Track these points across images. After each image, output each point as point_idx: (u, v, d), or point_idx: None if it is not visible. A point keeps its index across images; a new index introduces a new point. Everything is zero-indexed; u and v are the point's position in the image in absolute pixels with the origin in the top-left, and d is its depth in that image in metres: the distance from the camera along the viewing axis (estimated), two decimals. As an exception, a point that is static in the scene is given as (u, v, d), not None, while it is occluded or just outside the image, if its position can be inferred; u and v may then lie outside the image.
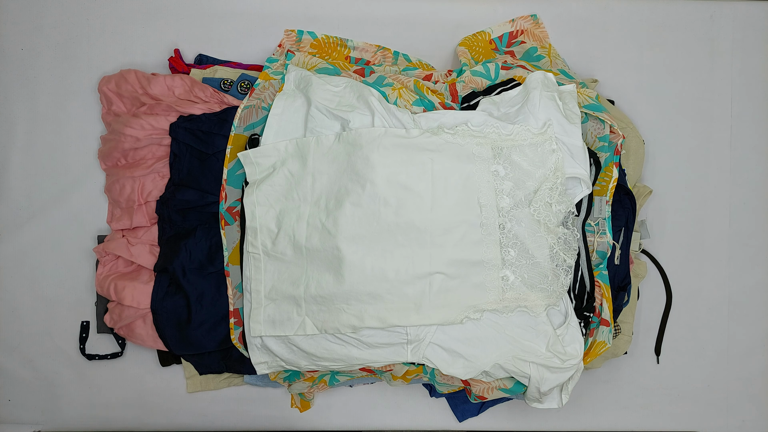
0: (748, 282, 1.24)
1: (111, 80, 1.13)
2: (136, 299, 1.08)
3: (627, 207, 1.10)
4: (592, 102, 1.08)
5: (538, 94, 1.02)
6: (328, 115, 1.03)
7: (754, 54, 1.25)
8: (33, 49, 1.18)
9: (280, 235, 1.01)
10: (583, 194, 1.03)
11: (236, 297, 1.06)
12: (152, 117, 1.09)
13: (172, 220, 1.09)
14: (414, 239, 0.98)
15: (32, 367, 1.17)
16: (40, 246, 1.17)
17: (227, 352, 1.11)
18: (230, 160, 1.06)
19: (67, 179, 1.18)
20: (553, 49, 1.21)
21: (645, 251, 1.23)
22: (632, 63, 1.24)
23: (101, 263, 1.12)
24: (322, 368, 1.06)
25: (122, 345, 1.17)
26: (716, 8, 1.25)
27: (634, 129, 1.16)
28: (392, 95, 1.05)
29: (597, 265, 1.05)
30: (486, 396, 1.05)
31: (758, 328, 1.25)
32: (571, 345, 0.99)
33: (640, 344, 1.23)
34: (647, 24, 1.24)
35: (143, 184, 1.09)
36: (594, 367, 1.15)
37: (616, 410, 1.23)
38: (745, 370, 1.24)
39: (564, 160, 1.00)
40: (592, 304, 1.03)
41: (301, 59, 1.13)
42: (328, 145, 1.02)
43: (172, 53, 1.18)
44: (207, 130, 1.07)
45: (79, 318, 1.17)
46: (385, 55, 1.19)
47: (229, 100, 1.11)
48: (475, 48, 1.20)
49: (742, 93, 1.25)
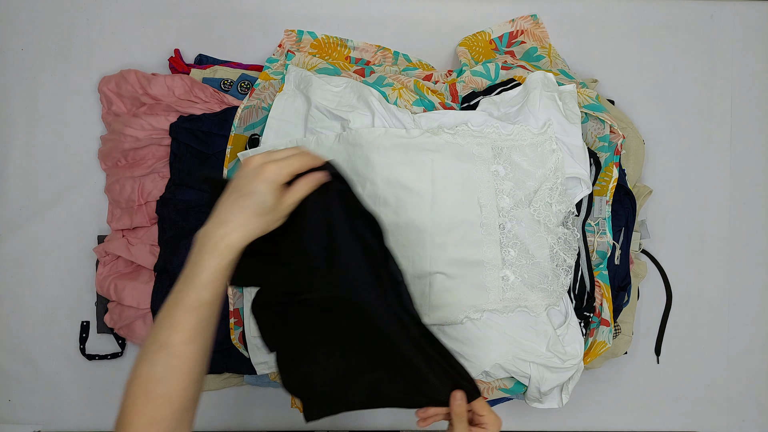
0: (748, 282, 1.24)
1: (111, 80, 1.14)
2: (136, 299, 1.08)
3: (627, 207, 1.10)
4: (592, 102, 1.08)
5: (538, 94, 1.02)
6: (328, 115, 1.03)
7: (754, 54, 1.25)
8: (33, 49, 1.18)
9: (280, 235, 1.01)
10: (583, 194, 1.03)
11: (236, 297, 1.06)
12: (152, 117, 1.09)
13: (172, 220, 1.09)
14: (414, 239, 0.98)
15: (32, 367, 1.17)
16: (40, 246, 1.17)
17: (227, 352, 1.11)
18: (230, 160, 1.06)
19: (67, 179, 1.18)
20: (553, 49, 1.21)
21: (645, 251, 1.23)
22: (632, 63, 1.24)
23: (101, 263, 1.12)
24: (322, 368, 1.06)
25: (122, 345, 1.17)
26: (716, 8, 1.25)
27: (634, 129, 1.16)
28: (392, 95, 1.05)
29: (597, 265, 1.05)
30: (486, 396, 1.05)
31: (758, 328, 1.25)
32: (572, 345, 0.99)
33: (640, 344, 1.23)
34: (647, 24, 1.24)
35: (143, 184, 1.09)
36: (594, 367, 1.15)
37: (616, 410, 1.23)
38: (745, 370, 1.24)
39: (564, 160, 1.00)
40: (592, 304, 1.03)
41: (301, 59, 1.13)
42: (328, 145, 1.02)
43: (172, 53, 1.18)
44: (207, 130, 1.07)
45: (79, 318, 1.17)
46: (385, 55, 1.19)
47: (229, 100, 1.11)
48: (475, 48, 1.20)
49: (742, 93, 1.25)
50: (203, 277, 0.64)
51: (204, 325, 0.64)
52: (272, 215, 0.67)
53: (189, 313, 0.63)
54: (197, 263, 0.64)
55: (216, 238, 0.65)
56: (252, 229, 0.66)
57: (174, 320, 0.63)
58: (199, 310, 0.64)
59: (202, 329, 0.64)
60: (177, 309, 0.64)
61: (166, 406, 0.62)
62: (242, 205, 0.65)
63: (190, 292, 0.64)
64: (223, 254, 0.64)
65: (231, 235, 0.65)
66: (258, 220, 0.66)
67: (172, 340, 0.62)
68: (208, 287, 0.64)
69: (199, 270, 0.64)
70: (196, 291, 0.64)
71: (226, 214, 0.66)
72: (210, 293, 0.64)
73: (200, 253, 0.65)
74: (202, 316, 0.64)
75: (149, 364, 0.63)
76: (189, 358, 0.63)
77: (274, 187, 0.66)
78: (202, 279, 0.64)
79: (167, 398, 0.62)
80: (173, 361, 0.63)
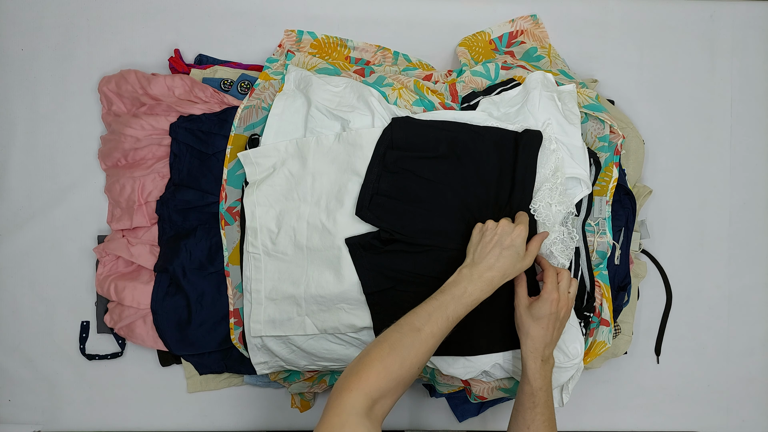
0: (748, 282, 1.24)
1: (111, 80, 1.14)
2: (136, 299, 1.08)
3: (627, 207, 1.10)
4: (592, 102, 1.08)
5: (538, 94, 1.02)
6: (328, 115, 1.03)
7: (754, 54, 1.25)
8: (33, 49, 1.18)
9: (281, 235, 1.01)
10: (583, 194, 1.03)
11: (236, 297, 1.06)
12: (152, 117, 1.09)
13: (172, 220, 1.09)
14: (414, 239, 0.98)
15: (32, 367, 1.17)
16: (40, 246, 1.17)
17: (227, 352, 1.11)
18: (230, 160, 1.06)
19: (67, 179, 1.18)
20: (552, 49, 1.21)
21: (645, 251, 1.23)
22: (632, 63, 1.24)
23: (101, 263, 1.12)
24: (322, 368, 1.06)
25: (122, 345, 1.17)
26: (716, 8, 1.25)
27: (634, 129, 1.16)
28: (392, 95, 1.05)
29: (597, 265, 1.05)
30: (486, 396, 1.05)
31: (758, 328, 1.25)
32: (572, 345, 0.99)
33: (640, 344, 1.23)
34: (647, 24, 1.24)
35: (143, 184, 1.09)
36: (594, 367, 1.15)
37: (616, 410, 1.23)
38: (745, 370, 1.24)
39: (564, 160, 1.00)
40: (592, 304, 1.03)
41: (301, 59, 1.13)
42: (328, 145, 1.02)
43: (172, 53, 1.17)
44: (207, 130, 1.07)
45: (79, 318, 1.17)
46: (385, 55, 1.19)
47: (229, 100, 1.11)
48: (475, 48, 1.20)
49: (742, 93, 1.25)
50: (468, 300, 0.85)
51: (444, 332, 0.84)
52: (521, 264, 0.89)
53: (446, 319, 0.83)
54: (467, 290, 0.85)
55: (486, 278, 0.86)
56: (509, 275, 0.88)
57: (432, 318, 0.83)
58: (450, 320, 0.84)
59: (442, 334, 0.83)
60: (438, 312, 0.83)
61: (399, 363, 0.79)
62: (505, 255, 0.87)
63: (454, 305, 0.84)
64: (485, 290, 0.86)
65: (496, 278, 0.87)
66: (513, 267, 0.87)
67: (425, 329, 0.82)
68: (467, 307, 0.85)
69: (468, 294, 0.85)
70: (456, 307, 0.84)
71: (492, 260, 0.87)
72: (463, 312, 0.85)
73: (470, 283, 0.86)
74: (449, 324, 0.84)
75: (400, 335, 0.81)
76: (427, 346, 0.82)
77: (524, 242, 0.89)
78: (466, 301, 0.85)
79: (402, 361, 0.79)
80: (416, 341, 0.81)
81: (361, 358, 0.80)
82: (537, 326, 0.90)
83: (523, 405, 0.91)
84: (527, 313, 0.91)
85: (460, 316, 0.85)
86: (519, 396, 0.92)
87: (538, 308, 0.90)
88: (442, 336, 0.83)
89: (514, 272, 0.88)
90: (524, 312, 0.92)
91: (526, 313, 0.91)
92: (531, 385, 0.90)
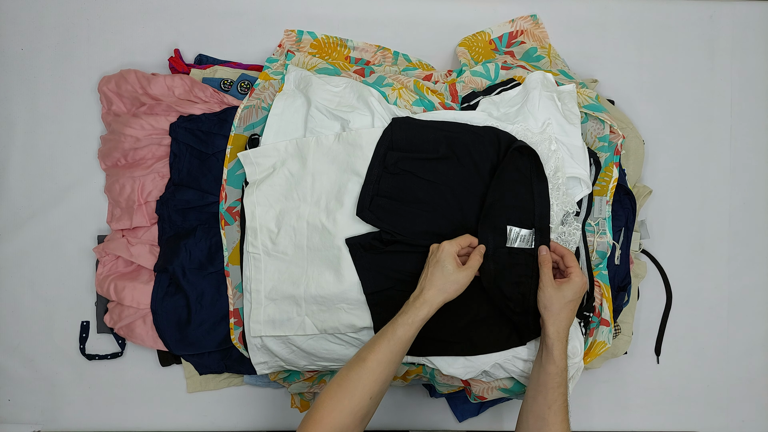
0: (748, 282, 1.24)
1: (111, 80, 1.14)
2: (136, 299, 1.08)
3: (627, 207, 1.10)
4: (592, 102, 1.08)
5: (538, 94, 1.02)
6: (328, 115, 1.03)
7: (754, 54, 1.25)
8: (33, 49, 1.18)
9: (281, 234, 1.01)
10: (583, 194, 1.03)
11: (236, 297, 1.06)
12: (152, 117, 1.09)
13: (172, 220, 1.09)
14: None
15: (32, 367, 1.17)
16: (40, 246, 1.17)
17: (227, 352, 1.11)
18: (230, 160, 1.06)
19: (67, 179, 1.18)
20: (552, 49, 1.21)
21: (645, 251, 1.23)
22: (632, 63, 1.24)
23: (101, 263, 1.12)
24: (321, 368, 1.06)
25: (122, 345, 1.17)
26: (716, 8, 1.25)
27: (634, 129, 1.16)
28: (392, 95, 1.05)
29: (597, 265, 1.04)
30: (486, 396, 1.05)
31: (758, 328, 1.25)
32: (572, 344, 0.99)
33: (640, 344, 1.23)
34: (647, 24, 1.24)
35: (143, 184, 1.09)
36: (594, 367, 1.15)
37: (616, 410, 1.23)
38: (745, 370, 1.24)
39: (564, 160, 1.00)
40: (592, 304, 1.03)
41: (301, 59, 1.13)
42: (328, 145, 1.02)
43: (172, 53, 1.18)
44: (207, 130, 1.07)
45: (79, 318, 1.17)
46: (385, 55, 1.19)
47: (229, 100, 1.11)
48: (475, 48, 1.20)
49: (742, 93, 1.25)
50: (414, 321, 0.87)
51: (392, 356, 0.85)
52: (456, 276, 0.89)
53: (388, 343, 0.85)
54: (406, 312, 0.88)
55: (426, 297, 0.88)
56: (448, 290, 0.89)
57: (375, 346, 0.85)
58: (395, 344, 0.86)
59: (390, 360, 0.85)
60: (381, 339, 0.86)
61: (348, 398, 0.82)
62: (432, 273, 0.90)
63: (402, 330, 0.86)
64: (427, 309, 0.88)
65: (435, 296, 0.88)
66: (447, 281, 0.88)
67: (369, 358, 0.84)
68: (415, 328, 0.87)
69: (412, 316, 0.87)
70: (405, 330, 0.86)
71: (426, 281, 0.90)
72: (410, 334, 0.87)
73: (413, 307, 0.88)
74: (394, 348, 0.86)
75: (347, 370, 0.84)
76: (374, 374, 0.84)
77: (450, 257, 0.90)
78: (411, 321, 0.87)
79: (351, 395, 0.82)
80: (363, 372, 0.83)
81: (315, 401, 0.83)
82: (566, 308, 0.92)
83: (546, 386, 0.91)
84: (558, 294, 0.92)
85: (407, 339, 0.87)
86: (542, 378, 0.92)
87: (568, 290, 0.92)
88: (391, 362, 0.85)
89: (453, 285, 0.89)
90: (554, 293, 0.92)
91: (557, 294, 0.92)
92: (557, 365, 0.91)
